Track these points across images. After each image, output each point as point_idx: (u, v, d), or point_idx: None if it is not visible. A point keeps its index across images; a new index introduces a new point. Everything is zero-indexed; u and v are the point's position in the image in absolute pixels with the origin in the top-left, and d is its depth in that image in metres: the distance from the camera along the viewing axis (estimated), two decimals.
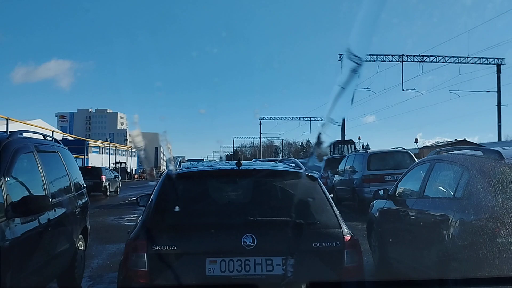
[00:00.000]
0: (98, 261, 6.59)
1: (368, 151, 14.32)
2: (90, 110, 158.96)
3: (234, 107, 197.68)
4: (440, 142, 19.82)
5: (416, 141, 19.96)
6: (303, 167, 3.51)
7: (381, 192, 5.56)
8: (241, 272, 2.76)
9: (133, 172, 60.15)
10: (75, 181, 5.22)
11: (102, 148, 55.61)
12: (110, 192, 22.37)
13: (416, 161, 8.65)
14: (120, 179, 26.27)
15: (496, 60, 33.78)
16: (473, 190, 3.62)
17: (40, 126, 31.58)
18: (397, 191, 5.32)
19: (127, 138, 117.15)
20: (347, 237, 2.95)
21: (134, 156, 64.49)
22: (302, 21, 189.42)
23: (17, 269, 3.29)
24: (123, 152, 63.82)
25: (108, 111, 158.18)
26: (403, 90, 31.27)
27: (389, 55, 32.02)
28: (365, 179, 12.13)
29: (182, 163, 3.70)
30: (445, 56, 33.57)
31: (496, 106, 33.30)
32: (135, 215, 13.16)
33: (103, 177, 21.56)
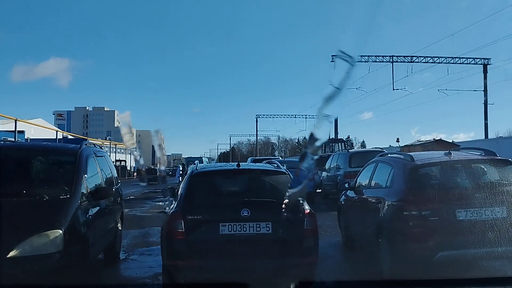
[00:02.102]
0: (127, 241, 8.32)
1: (349, 150, 16.06)
2: (87, 108, 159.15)
3: (230, 105, 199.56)
4: (420, 141, 21.70)
5: (397, 140, 21.84)
6: (281, 167, 5.29)
7: (346, 185, 7.33)
8: (241, 232, 4.51)
9: (133, 170, 61.80)
10: (115, 177, 6.95)
11: (102, 146, 56.96)
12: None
13: None
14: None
15: (483, 60, 35.59)
16: (395, 181, 5.41)
17: (41, 125, 32.87)
18: (356, 183, 7.08)
19: None
20: (307, 211, 4.71)
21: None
22: (296, 19, 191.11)
23: (91, 239, 4.97)
24: (122, 150, 65.24)
25: (105, 109, 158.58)
26: (393, 89, 33.25)
27: (379, 55, 33.74)
28: (347, 175, 13.81)
29: (199, 164, 5.47)
30: (434, 57, 35.25)
31: (483, 105, 35.24)
32: (146, 208, 14.94)
33: (158, 173, 33.85)
